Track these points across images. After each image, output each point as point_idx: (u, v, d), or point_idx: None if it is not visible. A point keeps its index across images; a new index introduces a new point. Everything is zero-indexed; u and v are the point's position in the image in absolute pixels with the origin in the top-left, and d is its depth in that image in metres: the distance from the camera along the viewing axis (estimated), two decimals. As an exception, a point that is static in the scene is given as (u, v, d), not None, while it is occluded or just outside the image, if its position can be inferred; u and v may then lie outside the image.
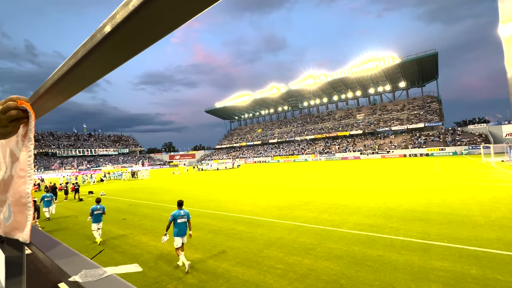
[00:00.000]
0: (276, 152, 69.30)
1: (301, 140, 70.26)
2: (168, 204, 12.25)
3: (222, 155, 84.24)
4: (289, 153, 65.54)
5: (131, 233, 7.67)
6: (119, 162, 75.46)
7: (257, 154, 73.82)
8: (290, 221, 7.84)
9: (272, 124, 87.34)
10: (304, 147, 65.71)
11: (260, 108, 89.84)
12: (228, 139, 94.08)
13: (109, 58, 0.47)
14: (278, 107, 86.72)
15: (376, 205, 9.26)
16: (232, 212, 9.61)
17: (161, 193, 17.05)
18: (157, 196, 15.62)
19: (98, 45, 0.43)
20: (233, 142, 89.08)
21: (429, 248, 5.09)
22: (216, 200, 12.68)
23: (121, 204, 13.24)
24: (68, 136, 78.36)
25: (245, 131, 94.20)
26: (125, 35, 0.41)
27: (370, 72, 57.98)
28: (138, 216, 10.01)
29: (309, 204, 10.27)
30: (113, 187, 24.01)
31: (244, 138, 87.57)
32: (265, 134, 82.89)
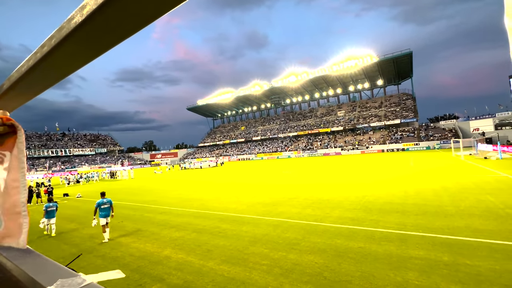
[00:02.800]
0: (260, 150, 69.54)
1: (284, 137, 70.86)
2: (150, 205, 11.92)
3: (206, 153, 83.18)
4: (272, 150, 65.99)
5: (111, 236, 7.40)
6: (96, 162, 72.17)
7: (240, 151, 73.65)
8: (275, 218, 7.92)
9: (255, 122, 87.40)
10: (287, 144, 66.38)
11: (243, 105, 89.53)
12: (211, 137, 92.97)
13: (79, 52, 0.44)
14: (261, 104, 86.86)
15: (357, 199, 9.54)
16: (217, 211, 9.54)
17: (143, 193, 16.57)
18: (139, 196, 15.15)
19: (67, 37, 0.40)
20: (217, 140, 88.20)
21: (406, 238, 5.32)
22: (200, 199, 12.51)
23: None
24: (39, 135, 73.72)
25: (228, 128, 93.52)
26: (97, 27, 0.39)
27: (350, 70, 59.61)
28: (119, 218, 9.66)
29: (293, 200, 10.39)
30: (91, 188, 22.96)
31: (228, 135, 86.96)
32: (248, 131, 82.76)
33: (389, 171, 17.14)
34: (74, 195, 17.83)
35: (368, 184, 12.62)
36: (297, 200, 10.22)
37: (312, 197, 10.65)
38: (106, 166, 66.83)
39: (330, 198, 10.14)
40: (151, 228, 7.94)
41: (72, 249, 6.57)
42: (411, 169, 17.53)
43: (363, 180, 14.12)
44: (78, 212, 11.66)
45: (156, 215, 9.75)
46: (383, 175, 15.42)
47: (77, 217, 10.58)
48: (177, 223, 8.29)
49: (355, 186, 12.34)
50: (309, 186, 13.55)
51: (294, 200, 10.37)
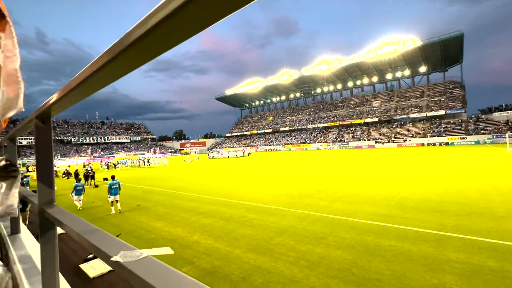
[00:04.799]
0: (288, 141, 69.01)
1: (313, 128, 69.41)
2: (180, 191, 12.59)
3: (233, 143, 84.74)
4: (301, 141, 65.12)
5: (146, 219, 8.01)
6: (131, 150, 77.49)
7: (268, 142, 73.76)
8: (302, 210, 7.91)
9: (283, 112, 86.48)
10: (316, 136, 65.00)
11: (272, 95, 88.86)
12: (239, 127, 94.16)
13: (131, 61, 0.52)
14: (290, 94, 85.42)
15: (390, 195, 9.16)
16: (243, 200, 9.79)
17: (173, 180, 17.53)
18: (169, 182, 16.07)
19: (124, 50, 0.48)
20: (244, 130, 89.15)
21: (445, 240, 5.03)
22: (227, 188, 12.91)
23: (135, 191, 13.74)
24: (82, 124, 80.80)
25: (256, 118, 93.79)
26: (150, 41, 0.45)
27: (388, 56, 55.64)
28: (151, 202, 10.39)
29: (321, 193, 10.29)
30: (126, 174, 24.88)
31: (255, 126, 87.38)
32: (276, 122, 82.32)
33: (429, 167, 16.20)
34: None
35: (403, 180, 12.01)
36: (325, 193, 10.09)
37: (342, 190, 10.44)
38: (140, 153, 71.50)
39: (361, 192, 9.86)
40: (182, 213, 8.43)
41: (113, 228, 7.28)
42: (455, 164, 16.46)
43: (398, 175, 13.44)
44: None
45: (186, 201, 10.30)
46: (421, 171, 14.58)
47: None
48: (205, 210, 8.67)
49: (389, 181, 11.83)
50: (339, 180, 13.26)
51: (322, 193, 10.25)
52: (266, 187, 12.47)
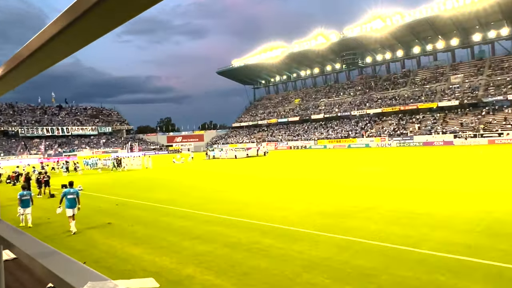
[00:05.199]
0: (322, 134, 68.83)
1: (360, 115, 68.89)
2: (167, 205, 12.89)
3: (242, 136, 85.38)
4: (342, 135, 64.80)
5: (120, 243, 8.26)
6: (99, 145, 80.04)
7: (293, 135, 73.93)
8: (341, 235, 7.91)
9: (316, 92, 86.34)
10: (365, 126, 64.49)
11: (299, 67, 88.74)
12: (251, 113, 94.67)
13: (102, 22, 0.56)
14: (326, 65, 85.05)
15: (477, 216, 9.00)
16: (257, 219, 9.90)
17: (159, 189, 17.94)
18: (153, 193, 16.45)
19: (92, 8, 0.52)
20: (258, 118, 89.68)
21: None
22: (235, 201, 13.08)
23: (105, 203, 14.17)
24: (33, 109, 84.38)
25: (275, 101, 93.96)
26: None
27: (476, 6, 53.61)
28: (128, 220, 10.70)
29: (370, 210, 10.26)
30: (93, 180, 25.61)
31: (274, 112, 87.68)
32: (305, 106, 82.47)
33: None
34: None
35: (496, 194, 11.77)
36: (376, 212, 10.06)
37: (402, 208, 10.39)
38: (111, 151, 73.53)
39: (431, 211, 9.76)
40: (169, 236, 8.64)
41: (74, 254, 7.53)
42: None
43: (487, 187, 13.18)
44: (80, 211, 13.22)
45: (175, 219, 10.53)
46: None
47: (79, 217, 12.03)
48: (202, 232, 8.84)
49: (474, 196, 11.65)
50: (397, 192, 13.19)
51: (372, 211, 10.22)
52: (290, 200, 12.54)
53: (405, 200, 11.50)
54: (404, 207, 10.54)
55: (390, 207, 10.58)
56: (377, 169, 21.96)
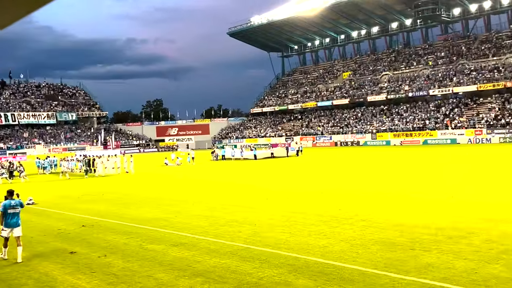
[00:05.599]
0: (384, 124, 68.51)
1: (443, 95, 67.93)
2: (156, 227, 12.97)
3: (265, 128, 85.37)
4: (414, 125, 64.20)
5: (87, 282, 8.33)
6: (59, 140, 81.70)
7: (339, 126, 73.68)
8: (416, 277, 7.73)
9: (375, 61, 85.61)
10: (450, 112, 63.57)
11: (349, 24, 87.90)
12: (278, 93, 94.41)
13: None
14: (391, 20, 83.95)
15: None
16: (286, 249, 9.86)
17: (144, 203, 18.13)
18: (136, 209, 16.67)
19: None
20: (289, 100, 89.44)
21: None
22: (253, 222, 13.11)
23: (67, 224, 14.35)
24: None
25: (314, 76, 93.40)
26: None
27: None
28: (100, 249, 10.78)
29: (458, 239, 10.03)
30: (50, 190, 26.04)
31: (312, 91, 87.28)
32: (359, 82, 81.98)
33: None
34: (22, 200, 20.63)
35: None
36: (470, 241, 9.83)
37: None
38: (77, 147, 74.86)
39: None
40: (158, 272, 8.66)
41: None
42: None
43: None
44: (30, 233, 13.49)
45: (168, 247, 10.56)
46: None
47: (30, 242, 12.25)
48: (206, 266, 8.83)
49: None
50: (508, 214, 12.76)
51: (462, 240, 10.00)
52: (333, 223, 12.46)
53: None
54: None
55: (494, 235, 10.29)
56: (470, 179, 21.38)
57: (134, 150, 79.13)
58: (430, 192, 17.35)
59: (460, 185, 18.99)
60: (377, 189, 19.10)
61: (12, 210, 9.97)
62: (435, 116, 63.94)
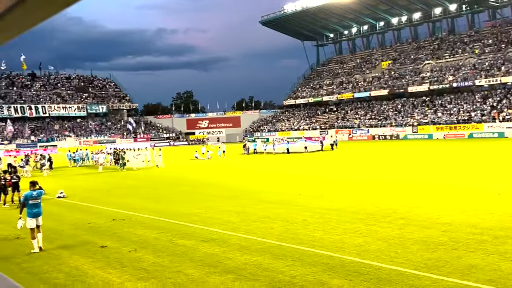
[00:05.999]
0: (426, 116, 67.39)
1: (491, 86, 66.44)
2: (187, 222, 13.23)
3: (299, 120, 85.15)
4: (458, 118, 62.91)
5: (118, 277, 8.56)
6: (89, 132, 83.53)
7: (378, 118, 73.01)
8: (459, 279, 7.62)
9: (417, 49, 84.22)
10: (498, 104, 62.29)
11: (389, 9, 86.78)
12: (313, 85, 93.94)
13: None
14: (433, 6, 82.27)
15: None
16: (320, 247, 9.87)
17: (175, 198, 18.52)
18: (166, 204, 17.02)
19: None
20: (324, 91, 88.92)
21: None
22: (286, 218, 13.15)
23: (97, 218, 14.77)
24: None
25: (351, 66, 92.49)
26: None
27: None
28: (130, 243, 11.05)
29: (503, 239, 9.80)
30: (79, 183, 26.79)
31: (349, 82, 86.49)
32: (399, 72, 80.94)
33: None
34: (52, 193, 21.16)
35: None
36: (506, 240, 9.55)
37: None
38: (107, 140, 76.37)
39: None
40: (189, 268, 8.83)
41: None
42: None
43: None
44: (61, 226, 13.95)
45: (198, 243, 10.74)
46: None
47: (61, 236, 12.66)
48: (238, 263, 8.95)
49: None
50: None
51: (507, 240, 9.73)
52: (371, 220, 12.36)
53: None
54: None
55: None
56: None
57: (164, 143, 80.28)
58: (475, 189, 17.05)
59: (509, 182, 18.49)
60: (417, 185, 18.93)
61: (33, 201, 10.40)
62: (481, 108, 62.28)
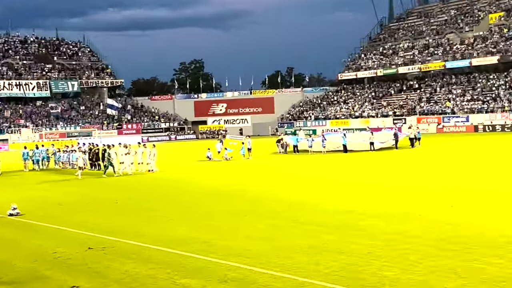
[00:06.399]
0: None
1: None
2: (192, 252, 12.96)
3: (361, 103, 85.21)
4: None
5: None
6: (54, 121, 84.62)
7: (480, 99, 73.08)
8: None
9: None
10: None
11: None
12: (382, 49, 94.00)
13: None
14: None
15: None
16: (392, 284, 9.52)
17: (171, 216, 18.66)
18: (161, 224, 17.05)
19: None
20: (398, 60, 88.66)
21: None
22: (339, 247, 12.84)
23: (67, 245, 14.71)
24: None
25: (439, 21, 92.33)
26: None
27: None
28: (113, 283, 10.87)
29: None
30: (40, 194, 27.08)
31: (437, 46, 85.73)
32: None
33: None
34: (0, 210, 21.36)
35: None
36: None
37: None
38: (80, 133, 77.31)
39: None
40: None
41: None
42: None
43: None
44: (14, 258, 14.00)
45: (212, 284, 10.44)
46: None
47: (12, 271, 12.67)
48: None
49: None
50: None
51: None
52: (471, 253, 11.93)
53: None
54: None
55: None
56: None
57: (162, 137, 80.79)
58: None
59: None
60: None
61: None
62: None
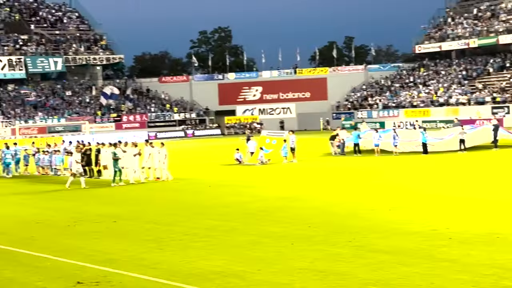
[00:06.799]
0: None
1: None
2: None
3: (446, 85, 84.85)
4: None
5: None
6: (32, 112, 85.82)
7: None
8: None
9: None
10: None
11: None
12: (472, 13, 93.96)
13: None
14: None
15: None
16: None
17: (187, 239, 18.38)
18: (173, 251, 16.71)
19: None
20: (498, 25, 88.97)
21: None
22: (417, 284, 13.01)
23: (51, 280, 14.50)
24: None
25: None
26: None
27: None
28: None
29: None
30: (13, 209, 27.85)
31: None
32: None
33: None
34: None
35: None
36: None
37: None
38: (65, 127, 78.35)
39: None
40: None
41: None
42: None
43: None
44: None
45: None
46: None
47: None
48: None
49: None
50: None
51: None
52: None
53: None
54: None
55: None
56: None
57: (175, 133, 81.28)
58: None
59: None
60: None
61: None
62: None
